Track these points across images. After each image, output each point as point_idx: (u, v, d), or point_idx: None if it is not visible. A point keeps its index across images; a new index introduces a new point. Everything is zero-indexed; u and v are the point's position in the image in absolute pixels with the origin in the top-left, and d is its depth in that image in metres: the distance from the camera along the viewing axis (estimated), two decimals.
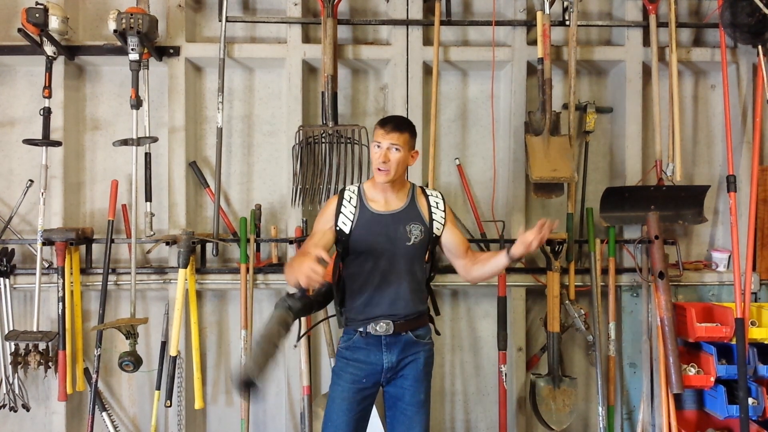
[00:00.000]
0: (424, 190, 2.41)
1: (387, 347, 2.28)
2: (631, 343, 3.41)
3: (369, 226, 2.28)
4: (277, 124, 3.49)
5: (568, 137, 3.23)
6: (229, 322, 3.47)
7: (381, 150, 2.23)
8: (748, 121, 3.42)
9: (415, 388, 2.31)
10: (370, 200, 2.33)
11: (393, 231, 2.28)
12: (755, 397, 3.09)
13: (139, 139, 3.13)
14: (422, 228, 2.30)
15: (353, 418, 2.28)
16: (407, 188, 2.38)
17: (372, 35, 3.55)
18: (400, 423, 2.30)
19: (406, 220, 2.30)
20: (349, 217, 2.29)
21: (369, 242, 2.26)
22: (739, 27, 3.24)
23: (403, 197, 2.34)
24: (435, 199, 2.38)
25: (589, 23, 3.52)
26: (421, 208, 2.34)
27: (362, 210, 2.30)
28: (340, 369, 2.32)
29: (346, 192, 2.36)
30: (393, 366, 2.29)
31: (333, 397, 2.31)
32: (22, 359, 3.12)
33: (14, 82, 3.41)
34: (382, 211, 2.30)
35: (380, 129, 2.26)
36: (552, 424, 3.18)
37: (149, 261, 3.38)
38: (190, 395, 3.26)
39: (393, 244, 2.27)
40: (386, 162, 2.22)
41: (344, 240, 2.29)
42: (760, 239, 3.40)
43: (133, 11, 2.97)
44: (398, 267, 2.27)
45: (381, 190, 2.32)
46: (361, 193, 2.34)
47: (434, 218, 2.34)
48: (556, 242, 3.22)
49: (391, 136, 2.23)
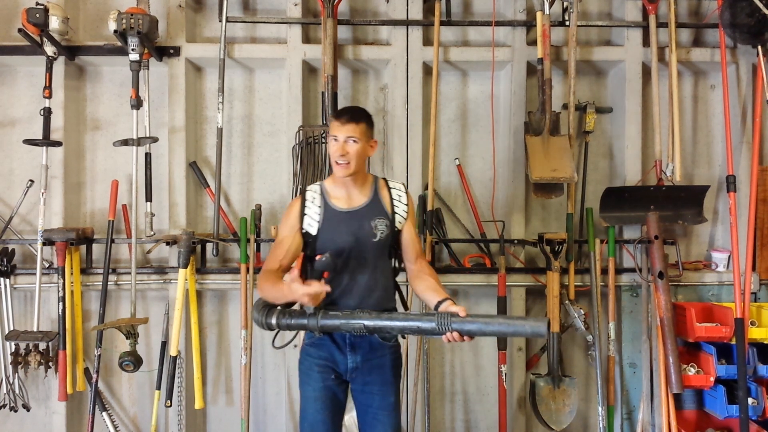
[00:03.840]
0: (387, 182, 2.33)
1: (351, 347, 2.23)
2: (630, 343, 3.42)
3: (335, 226, 2.21)
4: (277, 124, 3.50)
5: (567, 137, 3.23)
6: (229, 322, 3.47)
7: (338, 143, 2.15)
8: (748, 121, 3.43)
9: (384, 392, 2.27)
10: (333, 198, 2.25)
11: (359, 228, 2.21)
12: (755, 397, 3.09)
13: (140, 139, 3.13)
14: (387, 222, 2.24)
15: (328, 415, 2.27)
16: (370, 182, 2.30)
17: (372, 35, 3.55)
18: (373, 428, 2.28)
19: (370, 216, 2.23)
20: (315, 218, 2.22)
21: (336, 242, 2.19)
22: (739, 27, 3.25)
23: (367, 191, 2.27)
24: (398, 192, 2.31)
25: (588, 23, 3.52)
26: (384, 202, 2.27)
27: (326, 209, 2.23)
28: (308, 368, 2.28)
29: (308, 192, 2.27)
30: (358, 366, 2.25)
31: (306, 397, 2.29)
32: (22, 359, 3.12)
33: (14, 83, 3.41)
34: (346, 209, 2.23)
35: (335, 121, 2.18)
36: (552, 424, 3.18)
37: (149, 261, 3.39)
38: (190, 395, 3.26)
39: (360, 242, 2.20)
40: (344, 155, 2.14)
41: (311, 242, 2.23)
42: (760, 239, 3.40)
43: (134, 11, 2.98)
44: (366, 264, 2.22)
45: (343, 185, 2.24)
46: (324, 191, 2.26)
47: (396, 212, 2.27)
48: (556, 242, 3.22)
49: (347, 128, 2.15)
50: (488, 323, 1.99)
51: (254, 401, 3.38)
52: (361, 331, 2.07)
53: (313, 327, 2.09)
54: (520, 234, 3.38)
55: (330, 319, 2.08)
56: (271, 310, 2.12)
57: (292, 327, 2.13)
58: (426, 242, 3.24)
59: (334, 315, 2.09)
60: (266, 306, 2.14)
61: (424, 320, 2.01)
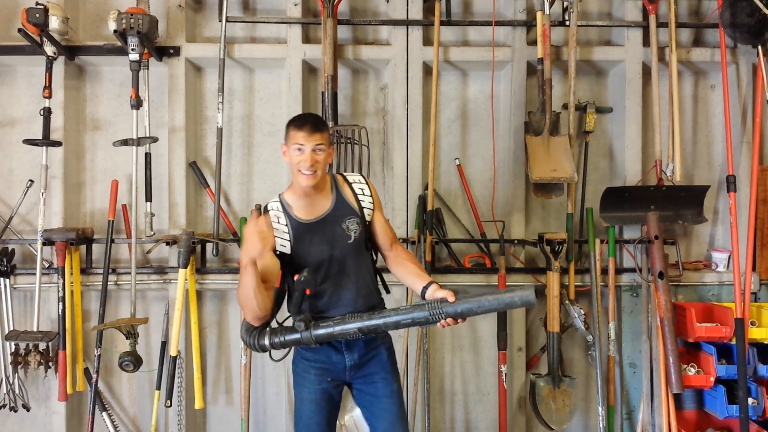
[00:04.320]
0: (345, 177, 2.29)
1: (347, 346, 2.23)
2: (630, 343, 3.42)
3: (307, 239, 2.18)
4: (277, 124, 3.49)
5: (567, 137, 3.23)
6: (229, 322, 3.47)
7: (305, 153, 2.10)
8: (748, 121, 3.42)
9: (386, 380, 2.28)
10: (297, 211, 2.20)
11: (331, 234, 2.18)
12: (755, 397, 3.09)
13: (139, 139, 3.13)
14: (357, 220, 2.21)
15: (324, 416, 2.27)
16: (329, 183, 2.25)
17: (372, 35, 3.55)
18: (380, 417, 2.27)
19: (340, 219, 2.20)
20: (285, 237, 2.18)
21: (313, 254, 2.17)
22: (739, 27, 3.24)
23: (328, 195, 2.23)
24: (359, 186, 2.28)
25: (589, 23, 3.52)
26: (349, 200, 2.24)
27: (293, 224, 2.18)
28: (304, 370, 2.28)
29: (271, 212, 2.21)
30: (356, 363, 2.25)
31: (301, 399, 2.29)
32: (22, 359, 3.12)
33: (14, 82, 3.41)
34: (314, 219, 2.19)
35: (299, 131, 2.11)
36: (552, 424, 3.18)
37: (149, 261, 3.38)
38: (190, 395, 3.26)
39: (336, 248, 2.18)
40: (313, 165, 2.10)
41: (288, 261, 2.19)
42: (760, 239, 3.40)
43: (133, 11, 2.97)
44: (348, 267, 2.20)
45: (304, 195, 2.18)
46: (285, 207, 2.21)
47: (363, 205, 2.25)
48: (556, 242, 3.22)
49: (314, 137, 2.10)
50: (479, 302, 2.00)
51: (254, 401, 3.38)
52: (356, 335, 2.07)
53: (307, 340, 2.07)
54: (520, 234, 3.38)
55: (323, 329, 2.07)
56: (262, 331, 2.11)
57: (286, 344, 2.11)
58: (426, 242, 3.23)
59: (327, 324, 2.08)
60: (254, 327, 2.12)
61: (416, 311, 2.02)
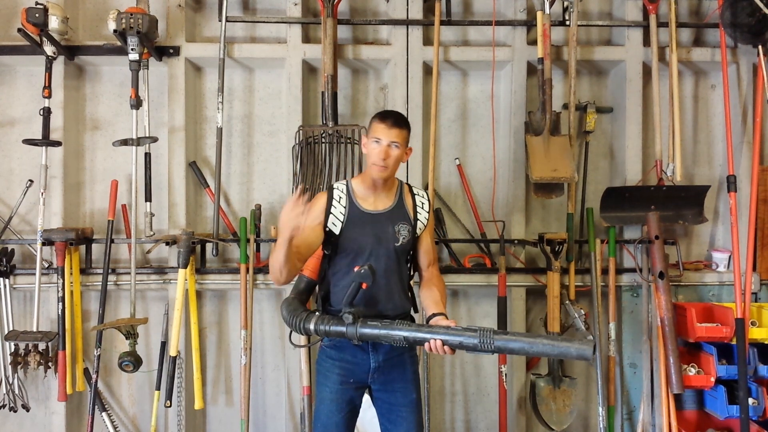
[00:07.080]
0: (411, 188, 2.36)
1: (374, 347, 2.24)
2: (631, 343, 3.42)
3: (359, 226, 2.23)
4: (277, 124, 3.49)
5: (568, 137, 3.23)
6: (229, 323, 3.47)
7: (381, 146, 2.16)
8: (749, 121, 3.42)
9: (405, 389, 2.30)
10: (360, 198, 2.27)
11: (382, 231, 2.24)
12: (755, 398, 3.08)
13: (139, 139, 3.13)
14: (409, 228, 2.27)
15: (343, 418, 2.27)
16: (395, 186, 2.32)
17: (372, 35, 3.54)
18: (396, 425, 2.29)
19: (395, 220, 2.26)
20: (339, 218, 2.23)
21: (359, 242, 2.22)
22: (740, 27, 3.24)
23: (392, 195, 2.30)
24: (421, 200, 2.34)
25: (589, 23, 3.52)
26: (408, 208, 2.30)
27: (352, 209, 2.24)
28: (327, 369, 2.30)
29: (335, 191, 2.28)
30: (380, 366, 2.26)
31: (322, 398, 2.30)
32: (22, 359, 3.12)
33: (14, 82, 3.40)
34: (371, 210, 2.26)
35: (381, 124, 2.18)
36: (552, 425, 3.18)
37: (149, 261, 3.38)
38: (190, 395, 3.26)
39: (382, 245, 2.23)
40: (386, 159, 2.16)
41: (333, 240, 2.24)
42: (761, 239, 3.40)
43: (133, 11, 2.97)
44: (387, 267, 2.24)
45: (371, 187, 2.26)
46: (350, 191, 2.28)
47: (418, 218, 2.31)
48: (556, 242, 3.21)
49: (392, 132, 2.16)
50: (532, 343, 1.93)
51: (254, 401, 3.38)
52: (400, 342, 2.06)
53: (351, 335, 2.08)
54: (520, 234, 3.37)
55: (370, 329, 2.07)
56: (310, 315, 2.13)
57: (329, 334, 2.12)
58: None
59: (374, 324, 2.08)
60: (302, 310, 2.15)
61: (467, 336, 1.98)
